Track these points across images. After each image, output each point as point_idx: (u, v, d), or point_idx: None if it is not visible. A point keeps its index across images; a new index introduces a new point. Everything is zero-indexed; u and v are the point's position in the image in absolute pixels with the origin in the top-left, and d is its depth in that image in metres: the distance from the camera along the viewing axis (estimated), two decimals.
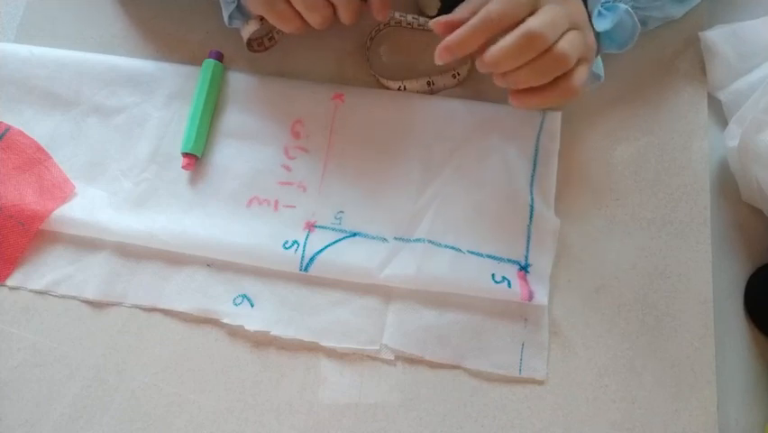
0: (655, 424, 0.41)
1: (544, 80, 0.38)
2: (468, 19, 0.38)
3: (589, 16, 0.41)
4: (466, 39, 0.38)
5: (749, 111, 0.43)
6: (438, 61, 0.39)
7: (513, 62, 0.37)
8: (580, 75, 0.39)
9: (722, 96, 0.48)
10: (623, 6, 0.41)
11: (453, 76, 0.48)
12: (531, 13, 0.37)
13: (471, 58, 0.49)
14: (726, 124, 0.47)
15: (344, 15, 0.43)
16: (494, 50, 0.37)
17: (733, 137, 0.44)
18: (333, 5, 0.42)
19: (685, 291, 0.44)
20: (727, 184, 0.47)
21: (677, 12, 0.47)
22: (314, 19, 0.43)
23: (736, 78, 0.46)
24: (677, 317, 0.43)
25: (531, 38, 0.36)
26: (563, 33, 0.37)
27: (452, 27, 0.38)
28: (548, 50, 0.37)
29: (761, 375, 0.43)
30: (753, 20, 0.46)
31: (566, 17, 0.38)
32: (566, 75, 0.38)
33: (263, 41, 0.49)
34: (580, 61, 0.39)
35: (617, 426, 0.41)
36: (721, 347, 0.42)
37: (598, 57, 0.43)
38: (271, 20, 0.44)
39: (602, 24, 0.41)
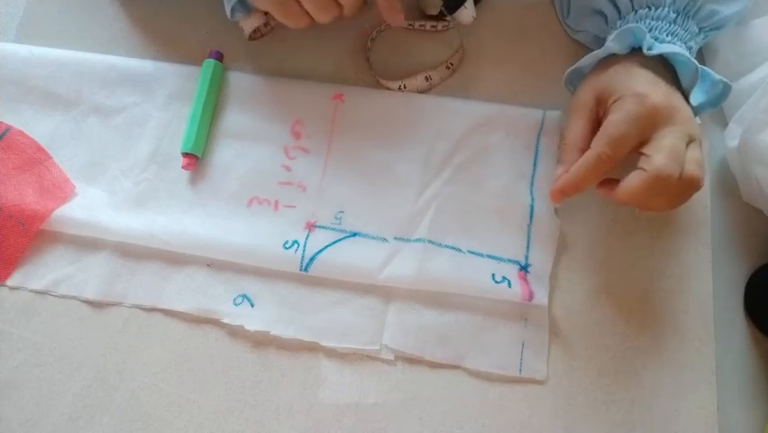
0: (655, 424, 0.41)
1: (678, 204, 0.39)
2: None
3: (687, 96, 0.41)
4: (579, 182, 0.39)
5: (749, 111, 0.43)
6: (554, 204, 0.42)
7: (644, 200, 0.38)
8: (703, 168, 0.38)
9: None
10: (716, 77, 0.41)
11: (447, 67, 0.48)
12: (642, 142, 0.38)
13: (462, 48, 0.49)
14: (727, 124, 0.47)
15: (350, 13, 0.43)
16: (623, 191, 0.38)
17: (733, 137, 0.44)
18: (341, 5, 0.42)
19: (685, 291, 0.44)
20: (727, 184, 0.47)
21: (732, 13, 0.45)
22: (323, 18, 0.43)
23: (736, 78, 0.46)
24: (677, 317, 0.43)
25: (659, 179, 0.36)
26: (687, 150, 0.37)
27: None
28: (678, 177, 0.37)
29: (761, 375, 0.43)
30: (753, 20, 0.46)
31: (682, 135, 0.37)
32: None
33: (260, 29, 0.49)
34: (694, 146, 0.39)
35: (617, 426, 0.41)
36: (721, 347, 0.42)
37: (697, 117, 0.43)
38: (279, 17, 0.43)
39: (698, 99, 0.41)
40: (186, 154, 0.46)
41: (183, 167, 0.46)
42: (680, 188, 0.37)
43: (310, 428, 0.41)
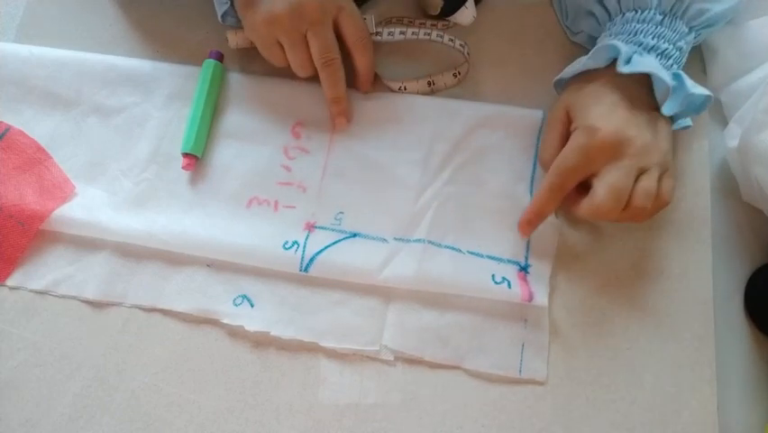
0: (655, 424, 0.41)
1: (633, 220, 0.41)
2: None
3: (659, 106, 0.41)
4: (540, 210, 0.42)
5: (749, 111, 0.43)
6: (524, 236, 0.44)
7: (597, 220, 0.43)
8: (667, 189, 0.40)
9: (722, 96, 0.48)
10: (690, 91, 0.40)
11: (454, 75, 0.48)
12: (593, 173, 0.40)
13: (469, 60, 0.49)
14: (727, 124, 0.47)
15: (325, 88, 0.45)
16: (577, 212, 0.41)
17: (733, 137, 0.44)
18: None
19: (685, 291, 0.44)
20: (727, 184, 0.47)
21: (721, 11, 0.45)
22: (298, 73, 0.46)
23: (736, 78, 0.46)
24: (677, 317, 0.43)
25: (599, 213, 0.39)
26: (636, 180, 0.39)
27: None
28: (625, 207, 0.39)
29: (761, 375, 0.43)
30: (753, 20, 0.46)
31: (629, 170, 0.39)
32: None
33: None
34: (662, 177, 0.40)
35: (617, 426, 0.41)
36: (721, 347, 0.42)
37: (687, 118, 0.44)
38: (263, 54, 0.45)
39: (672, 109, 0.41)
40: (186, 154, 0.46)
41: (183, 167, 0.46)
42: (629, 215, 0.40)
43: (310, 428, 0.41)
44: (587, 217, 0.41)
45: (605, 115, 0.40)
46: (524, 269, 0.44)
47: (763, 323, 0.44)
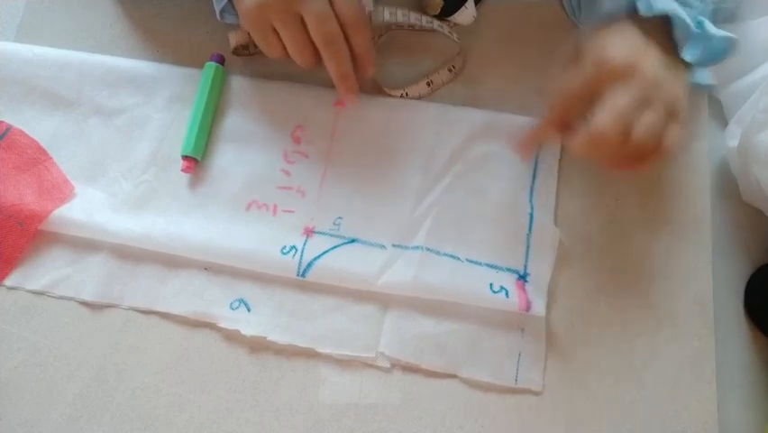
0: (655, 424, 0.41)
1: (632, 164, 0.38)
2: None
3: (677, 49, 0.39)
4: (537, 129, 0.43)
5: (749, 111, 0.43)
6: (524, 158, 0.45)
7: (592, 156, 0.37)
8: (671, 136, 0.37)
9: (722, 96, 0.48)
10: (709, 32, 0.39)
11: (449, 70, 0.48)
12: (595, 101, 0.37)
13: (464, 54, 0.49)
14: (727, 124, 0.47)
15: (330, 67, 0.43)
16: (571, 147, 0.38)
17: (733, 137, 0.44)
18: (319, 56, 0.43)
19: (685, 291, 0.44)
20: (727, 184, 0.47)
21: None
22: (298, 60, 0.43)
23: (736, 78, 0.46)
24: (677, 317, 0.43)
25: (597, 140, 0.36)
26: (640, 114, 0.36)
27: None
28: (625, 140, 0.36)
29: (761, 375, 0.43)
30: (753, 20, 0.46)
31: (635, 94, 0.36)
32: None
33: (248, 47, 0.49)
34: (669, 122, 0.37)
35: (617, 426, 0.41)
36: (721, 347, 0.42)
37: (704, 69, 0.42)
38: (258, 44, 0.44)
39: (691, 54, 0.39)
40: (185, 157, 0.46)
41: (182, 170, 0.46)
42: (630, 151, 0.36)
43: (310, 428, 0.41)
44: (585, 151, 0.37)
45: (618, 45, 0.38)
46: (522, 277, 0.43)
47: (763, 323, 0.44)
